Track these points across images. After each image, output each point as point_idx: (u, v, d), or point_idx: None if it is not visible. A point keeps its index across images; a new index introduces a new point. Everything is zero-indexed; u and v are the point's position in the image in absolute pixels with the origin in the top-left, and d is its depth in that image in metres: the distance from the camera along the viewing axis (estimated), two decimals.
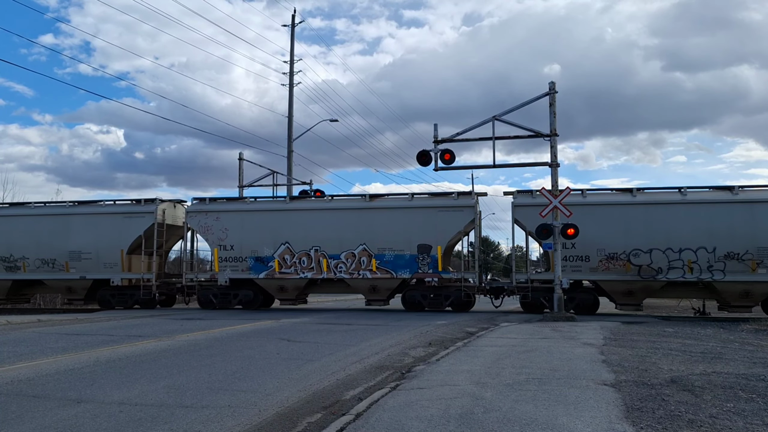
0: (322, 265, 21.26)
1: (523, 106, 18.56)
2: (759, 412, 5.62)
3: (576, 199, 19.56)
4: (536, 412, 5.54)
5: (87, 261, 22.74)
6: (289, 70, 33.44)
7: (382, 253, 20.96)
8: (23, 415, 5.84)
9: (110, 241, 22.57)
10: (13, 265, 23.44)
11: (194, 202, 23.19)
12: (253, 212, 22.40)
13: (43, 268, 23.18)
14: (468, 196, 21.25)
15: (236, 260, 21.97)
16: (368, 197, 21.86)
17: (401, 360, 9.42)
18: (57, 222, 23.24)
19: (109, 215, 23.00)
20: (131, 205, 23.46)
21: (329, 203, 22.34)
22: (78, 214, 23.26)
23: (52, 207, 24.16)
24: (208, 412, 5.93)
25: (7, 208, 24.42)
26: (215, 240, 22.13)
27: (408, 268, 20.76)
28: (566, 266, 19.32)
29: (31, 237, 23.26)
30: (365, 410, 5.73)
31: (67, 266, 22.90)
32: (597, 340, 11.46)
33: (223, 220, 22.15)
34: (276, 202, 23.36)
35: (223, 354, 9.97)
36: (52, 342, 11.62)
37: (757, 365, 8.65)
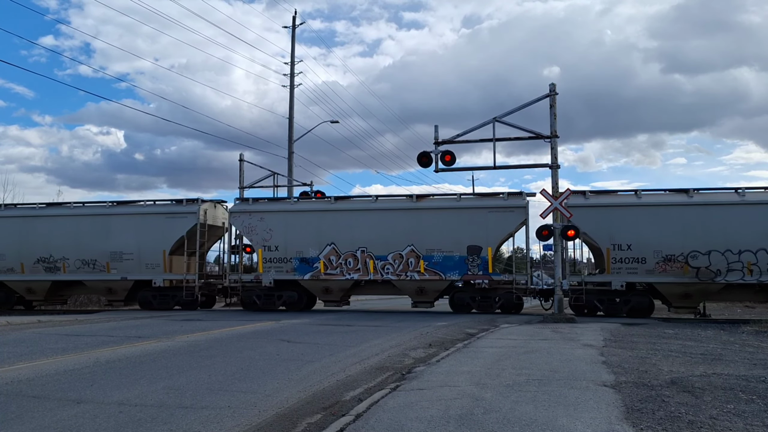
0: (368, 267, 20.95)
1: (523, 107, 18.56)
2: (759, 414, 5.62)
3: (630, 200, 19.42)
4: (536, 413, 5.53)
5: (128, 262, 22.49)
6: (290, 72, 33.47)
7: (430, 255, 20.62)
8: (23, 415, 5.84)
9: (152, 242, 22.31)
10: (52, 265, 23.09)
11: (237, 203, 22.89)
12: (297, 212, 22.08)
13: (84, 268, 22.88)
14: (519, 197, 20.75)
15: (281, 261, 21.68)
16: (415, 197, 21.52)
17: (401, 361, 9.41)
18: (97, 222, 22.99)
19: (151, 215, 22.73)
20: (173, 206, 23.18)
21: (375, 203, 21.84)
22: (119, 215, 23.01)
23: (92, 207, 23.82)
24: (208, 412, 5.93)
25: (45, 209, 23.96)
26: (259, 241, 21.85)
27: (457, 269, 20.41)
28: (621, 268, 19.05)
29: (72, 237, 22.93)
30: (365, 411, 5.73)
31: (108, 267, 22.64)
32: (597, 342, 11.45)
33: (267, 220, 21.88)
34: (321, 202, 22.90)
35: (223, 355, 9.97)
36: (51, 343, 11.61)
37: (757, 367, 8.64)
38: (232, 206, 22.82)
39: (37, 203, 24.22)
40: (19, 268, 23.32)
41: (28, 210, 24.00)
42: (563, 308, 17.64)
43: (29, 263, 23.21)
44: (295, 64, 33.50)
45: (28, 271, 23.27)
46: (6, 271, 23.41)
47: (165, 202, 23.89)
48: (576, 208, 19.17)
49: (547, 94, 18.10)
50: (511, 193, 20.91)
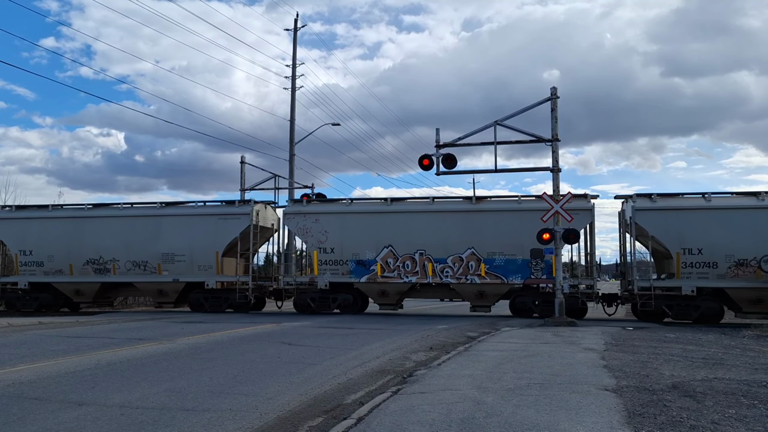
0: (427, 270, 20.60)
1: (524, 111, 18.57)
2: (761, 419, 5.62)
3: (699, 203, 19.19)
4: (538, 418, 5.53)
5: (180, 263, 22.22)
6: (291, 74, 33.52)
7: (491, 258, 20.25)
8: (25, 417, 5.84)
9: (205, 243, 22.02)
10: (102, 267, 22.82)
11: (289, 204, 22.66)
12: (353, 214, 21.75)
13: (134, 270, 22.63)
14: (584, 200, 20.34)
15: (336, 263, 21.37)
16: (474, 199, 21.27)
17: (403, 364, 9.41)
18: (148, 223, 22.70)
19: (203, 217, 22.50)
20: (226, 207, 22.93)
21: (432, 205, 21.49)
22: (170, 216, 22.76)
23: (142, 208, 23.58)
24: (210, 415, 5.93)
25: (93, 210, 23.66)
26: (314, 242, 21.55)
27: (519, 273, 20.04)
28: (691, 273, 18.78)
29: (122, 239, 22.68)
30: (367, 414, 5.73)
31: (159, 268, 22.37)
32: (598, 346, 11.45)
33: (322, 222, 21.56)
34: (377, 203, 22.40)
35: (224, 357, 9.97)
36: (53, 344, 11.62)
37: (759, 371, 8.63)
38: (286, 207, 22.57)
39: (84, 204, 23.93)
40: (68, 269, 22.99)
41: (76, 211, 23.69)
42: (564, 311, 17.61)
43: (78, 265, 22.91)
44: (296, 66, 33.56)
45: (77, 272, 22.96)
46: (54, 272, 23.08)
47: (216, 204, 23.64)
48: (644, 211, 18.98)
49: (548, 97, 18.11)
50: (575, 195, 20.15)
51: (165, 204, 23.49)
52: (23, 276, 23.35)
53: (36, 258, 23.23)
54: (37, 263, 23.23)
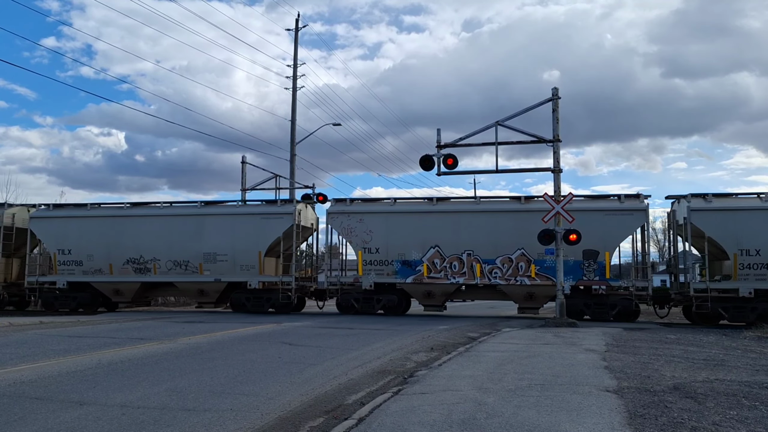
0: (475, 271, 20.17)
1: (526, 111, 18.58)
2: (762, 420, 5.61)
3: (755, 203, 19.08)
4: (539, 418, 5.53)
5: (222, 263, 21.98)
6: (292, 74, 33.52)
7: (542, 259, 19.74)
8: (26, 416, 5.85)
9: (247, 243, 21.82)
10: (143, 267, 22.59)
11: (334, 203, 22.31)
12: (398, 214, 21.40)
13: (176, 270, 22.36)
14: (636, 200, 19.96)
15: (381, 264, 21.02)
16: (523, 199, 20.79)
17: (403, 365, 9.42)
18: (189, 223, 22.51)
19: (245, 216, 22.30)
20: (269, 206, 22.79)
21: (479, 205, 21.20)
22: (212, 215, 22.55)
23: (183, 207, 23.45)
24: (210, 415, 5.93)
25: (133, 208, 23.42)
26: (359, 242, 21.27)
27: (571, 274, 19.55)
28: (749, 274, 18.52)
29: (163, 238, 22.44)
30: (367, 415, 5.73)
31: (201, 268, 22.12)
32: (599, 347, 11.44)
33: (366, 221, 21.29)
34: (422, 203, 22.00)
35: (225, 357, 9.97)
36: (54, 344, 11.63)
37: (760, 373, 8.63)
38: (329, 206, 22.26)
39: (123, 203, 23.76)
40: (108, 269, 22.79)
41: (115, 210, 23.51)
42: (564, 312, 17.61)
43: (118, 264, 22.71)
44: (297, 66, 33.56)
45: (116, 272, 22.77)
46: (93, 272, 22.89)
47: (256, 203, 23.45)
48: (700, 212, 18.82)
49: (549, 98, 18.11)
50: (627, 195, 20.08)
51: (205, 203, 23.25)
52: (62, 275, 23.07)
53: (75, 257, 22.98)
54: (76, 262, 22.97)
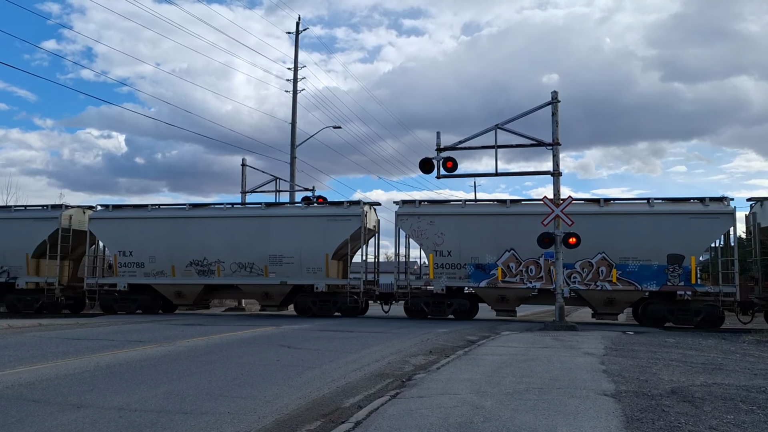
0: (552, 275, 19.17)
1: (526, 114, 18.59)
2: (759, 424, 5.61)
3: None
4: (536, 422, 5.53)
5: (288, 265, 21.52)
6: (293, 77, 33.56)
7: (624, 263, 19.27)
8: (23, 419, 5.85)
9: (314, 245, 21.38)
10: (206, 269, 22.14)
11: (402, 205, 21.72)
12: (471, 216, 20.80)
13: (240, 272, 21.92)
14: (721, 203, 19.36)
15: (453, 267, 20.44)
16: (602, 201, 20.21)
17: (401, 368, 9.41)
18: (254, 224, 22.13)
19: (312, 218, 21.91)
20: (335, 208, 22.37)
21: None
22: (277, 217, 22.23)
23: (247, 209, 23.20)
24: (208, 418, 5.93)
25: (195, 210, 22.99)
26: (430, 245, 20.72)
27: (654, 279, 18.99)
28: None
29: (227, 240, 22.03)
30: (365, 418, 5.73)
31: (266, 271, 21.69)
32: (598, 350, 11.44)
33: (437, 224, 20.72)
34: (495, 205, 21.39)
35: (223, 360, 9.97)
36: (53, 346, 11.63)
37: (757, 377, 8.63)
38: (398, 208, 21.65)
39: (182, 204, 23.41)
40: (170, 271, 22.39)
41: (177, 211, 23.16)
42: (564, 316, 17.60)
43: (181, 266, 22.32)
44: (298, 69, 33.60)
45: (179, 274, 22.37)
46: (155, 274, 22.49)
47: (319, 205, 23.03)
48: None
49: (549, 101, 18.13)
50: (712, 198, 19.51)
51: (267, 204, 22.90)
52: (122, 277, 22.69)
53: (136, 259, 22.61)
54: (138, 264, 22.60)
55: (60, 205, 23.59)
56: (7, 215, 23.75)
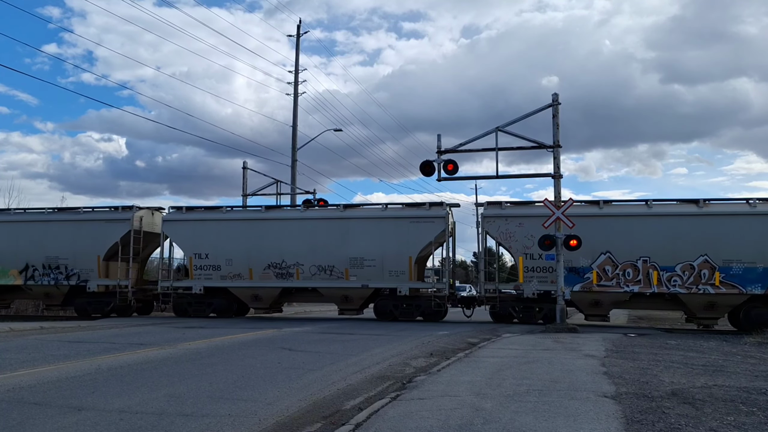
0: (651, 278, 18.89)
1: (526, 117, 18.62)
2: (760, 426, 5.61)
3: None
4: (536, 424, 5.54)
5: (369, 268, 20.98)
6: (294, 80, 33.63)
7: (728, 266, 18.62)
8: (24, 422, 5.86)
9: (397, 248, 20.80)
10: (285, 272, 21.65)
11: (488, 206, 21.01)
12: None
13: (320, 275, 21.44)
14: None
15: (545, 270, 19.86)
16: (702, 202, 19.52)
17: (402, 370, 9.42)
18: (333, 227, 21.72)
19: (393, 220, 21.35)
20: (417, 209, 21.74)
21: (652, 209, 19.73)
22: (358, 219, 21.75)
23: (325, 210, 22.96)
24: (209, 420, 5.94)
25: (271, 211, 22.78)
26: (519, 248, 20.11)
27: (759, 282, 18.48)
28: None
29: (306, 242, 21.57)
30: (365, 420, 5.74)
31: (347, 274, 21.19)
32: (599, 352, 11.44)
33: (527, 226, 19.96)
34: (587, 206, 20.62)
35: (225, 363, 9.98)
36: (54, 349, 11.64)
37: (758, 379, 8.62)
38: (484, 210, 20.96)
39: (257, 206, 23.07)
40: (247, 274, 21.93)
41: (254, 213, 23.07)
42: (565, 318, 17.60)
43: (259, 269, 21.84)
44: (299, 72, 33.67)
45: (256, 277, 21.89)
46: (232, 277, 22.05)
47: (398, 206, 22.33)
48: None
49: (549, 104, 18.16)
50: None
51: (346, 206, 22.55)
52: (198, 280, 22.23)
53: (212, 262, 22.14)
54: (214, 267, 22.12)
55: (131, 206, 23.19)
56: (76, 217, 23.30)
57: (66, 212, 23.86)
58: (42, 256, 22.95)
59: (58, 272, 22.90)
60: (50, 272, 22.95)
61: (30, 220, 23.69)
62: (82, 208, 23.79)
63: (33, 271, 23.10)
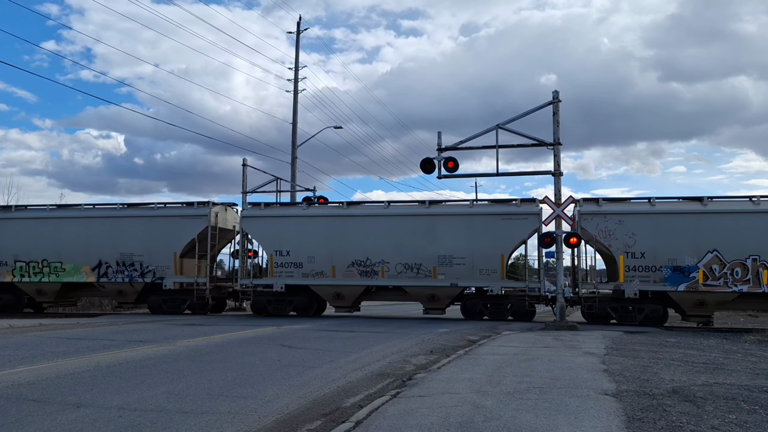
0: (761, 277, 18.28)
1: (527, 114, 18.59)
2: (761, 424, 5.59)
3: None
4: (537, 422, 5.52)
5: (459, 267, 20.32)
6: (294, 77, 33.56)
7: None
8: (23, 419, 5.84)
9: (488, 246, 20.05)
10: (369, 269, 21.16)
11: (583, 203, 20.15)
12: (666, 215, 19.36)
13: (406, 273, 20.90)
14: None
15: (647, 270, 19.08)
16: None
17: (402, 368, 9.40)
18: (419, 223, 21.15)
19: (483, 216, 20.64)
20: (507, 206, 20.99)
21: (759, 206, 19.00)
22: (444, 215, 21.09)
23: (410, 207, 22.14)
24: (208, 418, 5.92)
25: (350, 208, 22.12)
26: (620, 246, 19.30)
27: None
28: None
29: (392, 240, 21.05)
30: (365, 418, 5.72)
31: (434, 272, 20.64)
32: (599, 350, 11.42)
33: (627, 223, 19.32)
34: (690, 203, 19.80)
35: (224, 360, 9.96)
36: (53, 346, 11.62)
37: (759, 376, 8.61)
38: (582, 207, 19.98)
39: (340, 202, 22.63)
40: (330, 271, 21.44)
41: (335, 209, 22.38)
42: (566, 315, 17.60)
43: (342, 267, 21.37)
44: (299, 69, 33.60)
45: (339, 275, 21.41)
46: (314, 275, 21.54)
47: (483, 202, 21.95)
48: None
49: (550, 101, 18.13)
50: None
51: (432, 202, 21.90)
52: (279, 278, 21.69)
53: (294, 259, 21.65)
54: (296, 264, 21.63)
55: (207, 201, 22.89)
56: (151, 213, 22.82)
57: (139, 208, 23.34)
58: (116, 252, 22.49)
59: (133, 269, 22.47)
60: (124, 269, 22.50)
61: (102, 216, 23.22)
62: (155, 204, 23.19)
63: (106, 268, 22.65)
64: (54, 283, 22.99)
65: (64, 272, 22.87)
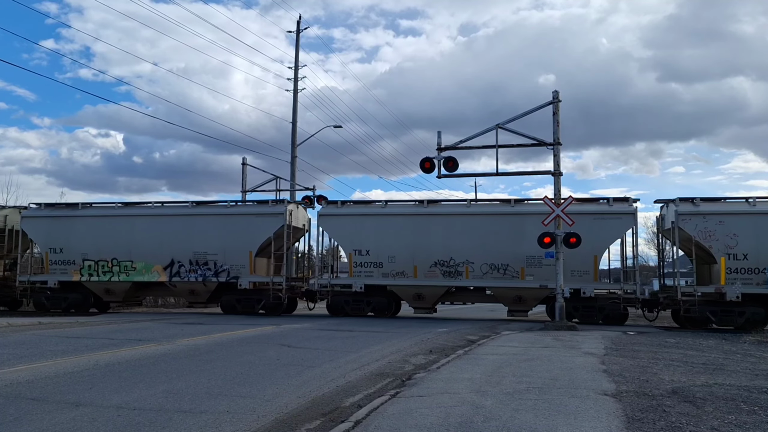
0: None
1: (527, 114, 18.58)
2: (761, 425, 5.59)
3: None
4: (536, 422, 5.51)
5: (548, 268, 19.28)
6: (293, 76, 33.54)
7: None
8: (21, 417, 5.82)
9: (581, 246, 17.98)
10: (453, 270, 20.72)
11: (679, 203, 19.27)
12: (763, 215, 18.72)
13: (492, 274, 20.46)
14: None
15: (749, 272, 18.45)
16: None
17: (402, 367, 9.39)
18: (505, 222, 20.61)
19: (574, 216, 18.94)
20: (598, 204, 20.41)
21: None
22: (530, 214, 20.15)
23: (494, 206, 21.66)
24: (207, 417, 5.91)
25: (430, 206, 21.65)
26: (721, 248, 18.67)
27: None
28: None
29: (476, 239, 20.54)
30: (364, 417, 5.71)
31: (522, 273, 20.21)
32: (598, 350, 11.41)
33: (728, 224, 18.70)
34: None
35: (223, 359, 9.95)
36: (52, 345, 11.61)
37: (759, 377, 8.60)
38: (678, 207, 19.24)
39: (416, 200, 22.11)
40: (412, 272, 20.98)
41: (415, 207, 21.93)
42: (564, 315, 17.58)
43: (424, 267, 20.89)
44: (298, 69, 33.58)
45: (421, 275, 20.95)
46: (395, 275, 21.09)
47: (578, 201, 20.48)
48: None
49: (550, 101, 18.12)
50: None
51: (517, 201, 21.31)
52: (358, 278, 21.28)
53: (374, 259, 21.23)
54: (375, 264, 21.22)
55: (282, 200, 22.75)
56: (225, 211, 22.40)
57: (211, 206, 23.02)
58: (189, 251, 22.10)
59: (206, 268, 22.02)
60: (198, 268, 22.05)
61: (174, 213, 22.82)
62: (228, 202, 22.91)
63: (179, 266, 22.20)
64: (124, 282, 22.61)
65: (135, 271, 22.44)
